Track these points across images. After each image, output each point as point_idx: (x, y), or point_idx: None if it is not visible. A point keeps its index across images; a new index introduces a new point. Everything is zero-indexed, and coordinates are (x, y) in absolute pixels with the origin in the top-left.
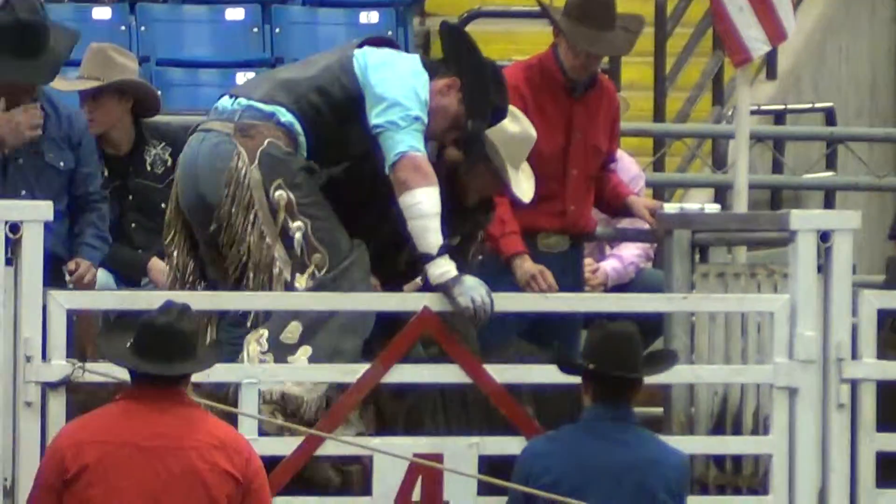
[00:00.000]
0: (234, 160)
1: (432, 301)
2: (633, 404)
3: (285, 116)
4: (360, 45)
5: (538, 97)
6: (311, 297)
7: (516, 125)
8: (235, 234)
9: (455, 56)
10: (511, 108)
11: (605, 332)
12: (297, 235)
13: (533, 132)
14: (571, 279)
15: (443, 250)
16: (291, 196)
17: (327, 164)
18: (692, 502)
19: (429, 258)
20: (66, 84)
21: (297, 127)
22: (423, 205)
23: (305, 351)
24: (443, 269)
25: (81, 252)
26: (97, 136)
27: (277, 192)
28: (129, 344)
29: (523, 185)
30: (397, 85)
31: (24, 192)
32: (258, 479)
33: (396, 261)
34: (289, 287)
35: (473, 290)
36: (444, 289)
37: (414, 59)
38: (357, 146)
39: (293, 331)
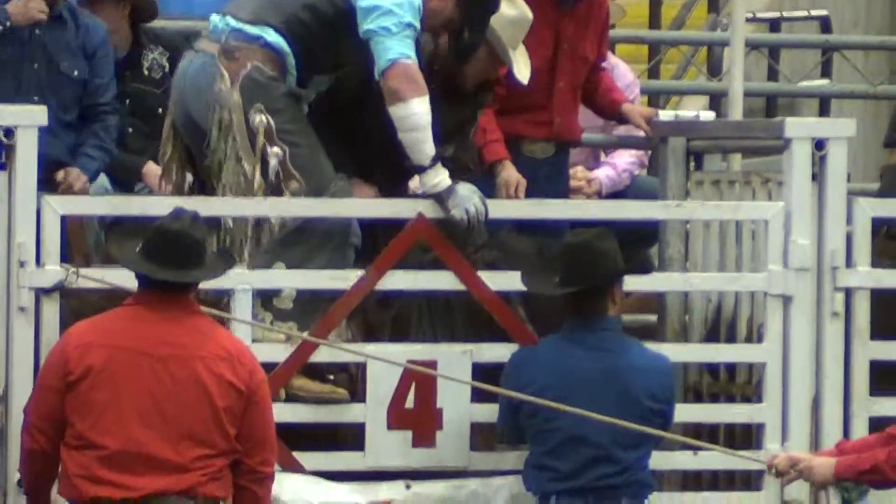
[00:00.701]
0: (216, 83)
1: (426, 207)
2: (612, 309)
3: (272, 37)
4: None
5: None
6: (303, 202)
7: (513, 8)
8: (219, 157)
9: None
10: None
11: (563, 247)
12: (273, 161)
13: (529, 14)
14: (558, 184)
15: (436, 160)
16: (271, 121)
17: (320, 85)
18: (686, 410)
19: (422, 168)
20: None
21: (285, 47)
22: (416, 116)
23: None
24: (437, 178)
25: (78, 161)
26: None
27: (258, 117)
28: (138, 249)
29: (521, 67)
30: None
31: (35, 99)
32: (260, 391)
33: (392, 164)
34: (270, 234)
35: (467, 199)
36: (439, 199)
37: None
38: (349, 58)
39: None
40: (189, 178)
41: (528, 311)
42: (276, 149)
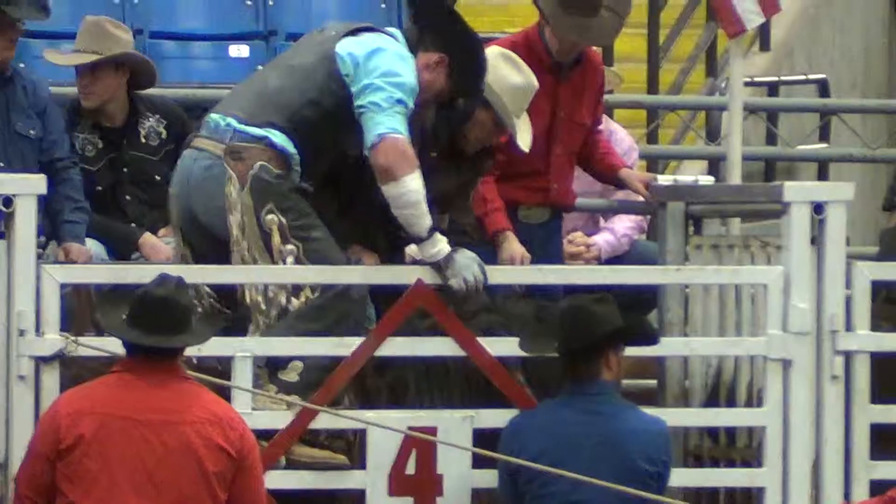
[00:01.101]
0: (227, 186)
1: (425, 274)
2: (608, 374)
3: (278, 138)
4: (342, 35)
5: None
6: (305, 269)
7: (519, 76)
8: (240, 258)
9: (442, 30)
10: (513, 56)
11: (560, 310)
12: (290, 259)
13: (535, 82)
14: (551, 248)
15: (433, 231)
16: (283, 220)
17: (323, 167)
18: (686, 475)
19: (420, 240)
20: (63, 58)
21: (290, 148)
22: (410, 193)
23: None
24: (435, 248)
25: (64, 232)
26: (93, 108)
27: (269, 217)
28: (124, 316)
29: (524, 135)
30: (382, 71)
31: (0, 165)
32: (252, 456)
33: (394, 231)
34: (283, 311)
35: (466, 268)
36: (437, 268)
37: (397, 41)
38: (351, 139)
39: (294, 368)
40: None
41: (527, 377)
42: (290, 246)
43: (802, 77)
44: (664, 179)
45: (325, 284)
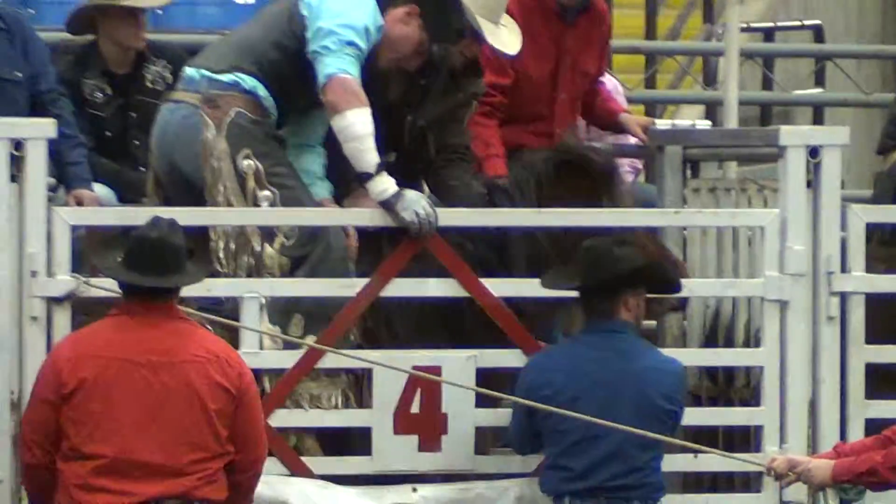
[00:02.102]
0: (203, 132)
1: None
2: (626, 315)
3: (247, 83)
4: None
5: (529, 22)
6: (312, 213)
7: None
8: (212, 203)
9: None
10: None
11: (582, 250)
12: (265, 205)
13: None
14: None
15: (380, 167)
16: (259, 165)
17: (298, 109)
18: (686, 413)
19: (368, 176)
20: (149, 0)
21: (261, 90)
22: (355, 126)
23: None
24: (382, 186)
25: (71, 176)
26: (99, 53)
27: (245, 162)
28: (120, 258)
29: (504, 38)
30: (334, 13)
31: None
32: (250, 392)
33: (423, 152)
34: (258, 255)
35: (415, 203)
36: (387, 205)
37: None
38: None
39: (296, 323)
40: None
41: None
42: (266, 192)
43: (798, 23)
44: (662, 124)
45: (302, 233)
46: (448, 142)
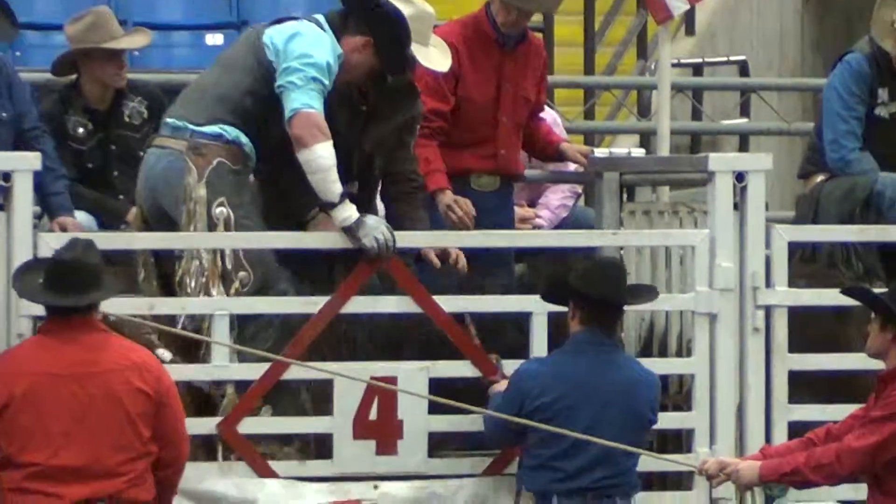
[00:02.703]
0: (185, 177)
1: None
2: (619, 330)
3: (230, 133)
4: (267, 26)
5: (471, 50)
6: (282, 236)
7: (410, 7)
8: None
9: (364, 14)
10: None
11: (595, 262)
12: (228, 251)
13: (428, 8)
14: (504, 215)
15: (343, 197)
16: (231, 214)
17: (277, 144)
18: None
19: (332, 205)
20: (128, 41)
21: (242, 138)
22: (320, 159)
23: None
24: (345, 213)
25: (54, 206)
26: (81, 91)
27: (219, 209)
28: (40, 280)
29: (435, 57)
30: (298, 54)
31: None
32: (169, 394)
33: (370, 175)
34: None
35: (375, 229)
36: (349, 231)
37: (320, 26)
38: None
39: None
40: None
41: (479, 331)
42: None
43: (724, 59)
44: (600, 152)
45: (255, 281)
46: (397, 168)
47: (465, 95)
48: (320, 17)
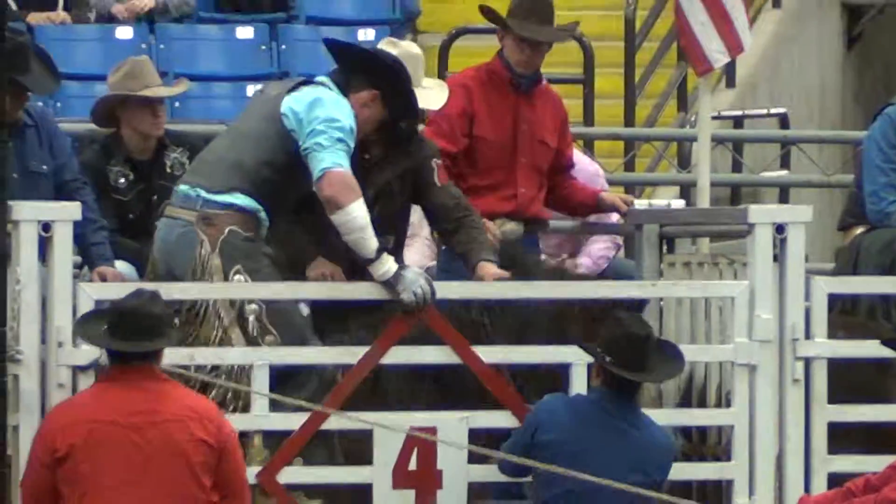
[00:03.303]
0: (197, 248)
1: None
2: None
3: (242, 201)
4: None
5: (486, 93)
6: (317, 287)
7: (396, 49)
8: (198, 315)
9: (365, 69)
10: (391, 40)
11: (624, 332)
12: (252, 318)
13: (414, 49)
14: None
15: (380, 251)
16: (249, 280)
17: (287, 208)
18: None
19: (370, 261)
20: (165, 90)
21: (255, 205)
22: (357, 219)
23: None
24: (384, 268)
25: (94, 256)
26: (122, 142)
27: (236, 277)
28: (104, 328)
29: (431, 97)
30: (322, 118)
31: None
32: (230, 443)
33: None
34: (243, 367)
35: (414, 283)
36: (389, 286)
37: (330, 88)
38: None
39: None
40: None
41: (515, 380)
42: (253, 306)
43: (765, 111)
44: (640, 204)
45: (284, 343)
46: (436, 206)
47: (481, 135)
48: (326, 80)
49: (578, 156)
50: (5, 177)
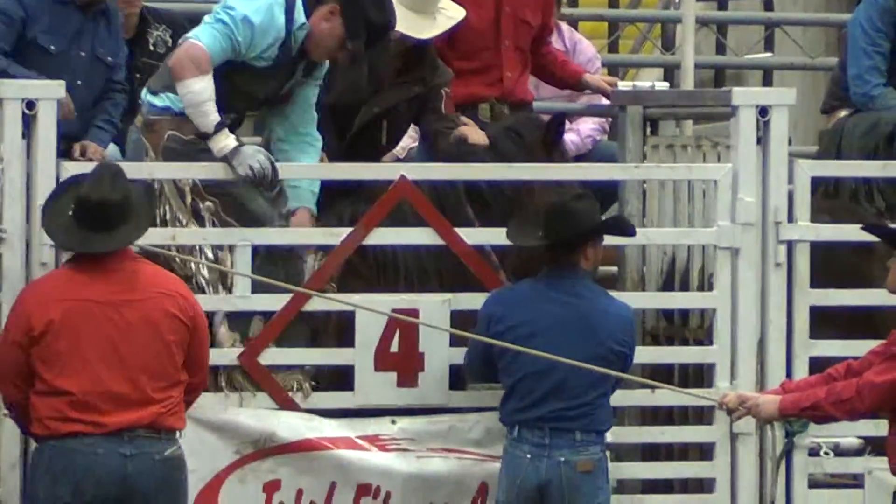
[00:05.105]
0: (145, 158)
1: (408, 170)
2: (585, 264)
3: (177, 105)
4: None
5: None
6: (303, 167)
7: None
8: (161, 219)
9: None
10: None
11: (546, 205)
12: (207, 215)
13: None
14: None
15: (219, 126)
16: (197, 180)
17: (257, 106)
18: (644, 352)
19: (207, 136)
20: None
21: None
22: (194, 94)
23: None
24: (221, 143)
25: (91, 134)
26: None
27: (183, 179)
28: (70, 214)
29: (421, 24)
30: (225, 3)
31: (79, 83)
32: (200, 321)
33: (376, 137)
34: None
35: (251, 157)
36: (226, 161)
37: None
38: (257, 89)
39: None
40: None
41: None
42: (207, 203)
43: None
44: (624, 85)
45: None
46: (439, 129)
47: (464, 21)
48: None
49: (579, 37)
50: None
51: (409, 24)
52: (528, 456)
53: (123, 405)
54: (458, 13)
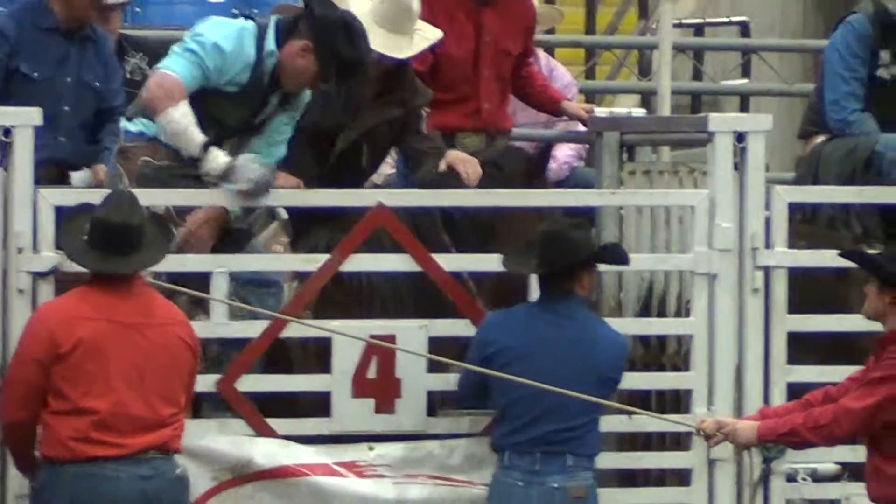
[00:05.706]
0: (119, 184)
1: (385, 197)
2: (580, 291)
3: (150, 129)
4: None
5: (447, 5)
6: (288, 194)
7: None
8: None
9: (309, 18)
10: None
11: (541, 233)
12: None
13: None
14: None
15: (206, 147)
16: (170, 207)
17: (233, 132)
18: (623, 379)
19: (198, 159)
20: None
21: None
22: (175, 122)
23: None
24: (213, 162)
25: (104, 158)
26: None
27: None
28: (84, 237)
29: (396, 43)
30: (194, 31)
31: (66, 109)
32: (199, 349)
33: (356, 161)
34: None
35: (247, 170)
36: (225, 179)
37: (239, 22)
38: (229, 116)
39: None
40: None
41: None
42: (182, 229)
43: (726, 19)
44: (601, 112)
45: None
46: (420, 149)
47: (444, 52)
48: (269, 19)
49: (555, 63)
50: None
51: (387, 44)
52: (520, 483)
53: (141, 428)
54: (435, 34)
